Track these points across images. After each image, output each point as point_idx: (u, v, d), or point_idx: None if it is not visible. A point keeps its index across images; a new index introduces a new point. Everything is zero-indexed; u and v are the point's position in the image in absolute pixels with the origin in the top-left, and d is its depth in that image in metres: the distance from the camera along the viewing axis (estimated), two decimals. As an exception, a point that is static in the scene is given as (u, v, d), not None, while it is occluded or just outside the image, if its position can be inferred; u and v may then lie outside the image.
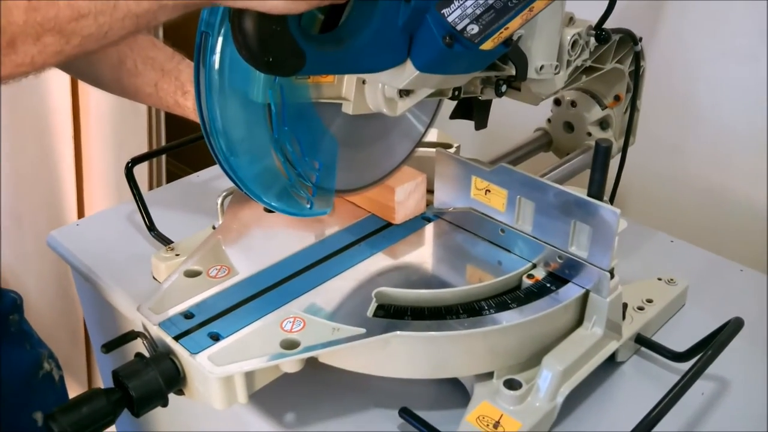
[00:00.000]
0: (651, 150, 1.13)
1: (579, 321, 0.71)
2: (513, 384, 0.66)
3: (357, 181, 0.79)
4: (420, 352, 0.66)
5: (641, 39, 0.88)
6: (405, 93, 0.68)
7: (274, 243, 0.77)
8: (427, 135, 0.83)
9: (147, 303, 0.67)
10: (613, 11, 0.78)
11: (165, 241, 0.88)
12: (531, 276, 0.72)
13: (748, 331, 0.72)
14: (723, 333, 0.70)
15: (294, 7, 0.53)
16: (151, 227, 0.91)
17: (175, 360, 0.63)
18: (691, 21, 1.06)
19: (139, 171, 1.37)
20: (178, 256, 0.81)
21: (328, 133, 0.73)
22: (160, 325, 0.65)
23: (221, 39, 0.63)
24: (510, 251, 0.76)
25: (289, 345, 0.63)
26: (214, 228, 0.84)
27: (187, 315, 0.66)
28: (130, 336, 0.66)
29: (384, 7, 0.59)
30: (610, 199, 0.97)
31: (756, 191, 1.06)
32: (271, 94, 0.65)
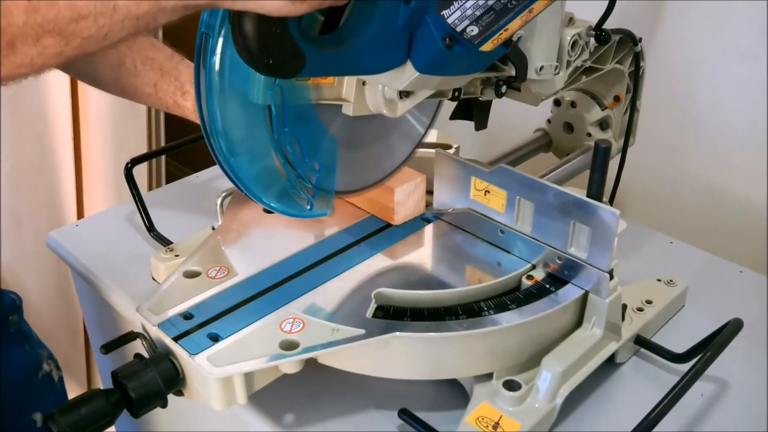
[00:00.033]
0: (651, 150, 1.13)
1: (578, 322, 0.71)
2: (512, 385, 0.66)
3: (357, 183, 0.79)
4: (419, 353, 0.66)
5: (641, 39, 0.88)
6: (405, 94, 0.68)
7: (273, 244, 0.77)
8: (427, 136, 0.83)
9: (146, 304, 0.67)
10: (613, 11, 0.78)
11: (164, 242, 0.88)
12: (530, 277, 0.72)
13: (747, 332, 0.72)
14: (722, 334, 0.70)
15: (294, 10, 0.53)
16: (151, 228, 0.91)
17: (175, 361, 0.63)
18: (691, 21, 1.06)
19: (139, 171, 1.37)
20: (177, 256, 0.81)
21: (328, 134, 0.73)
22: (159, 326, 0.65)
23: (221, 40, 0.63)
24: (509, 252, 0.76)
25: (289, 346, 0.63)
26: (213, 229, 0.83)
27: (187, 316, 0.66)
28: (129, 337, 0.66)
29: (384, 9, 0.59)
30: (609, 200, 0.97)
31: (756, 191, 1.06)
32: (271, 95, 0.65)
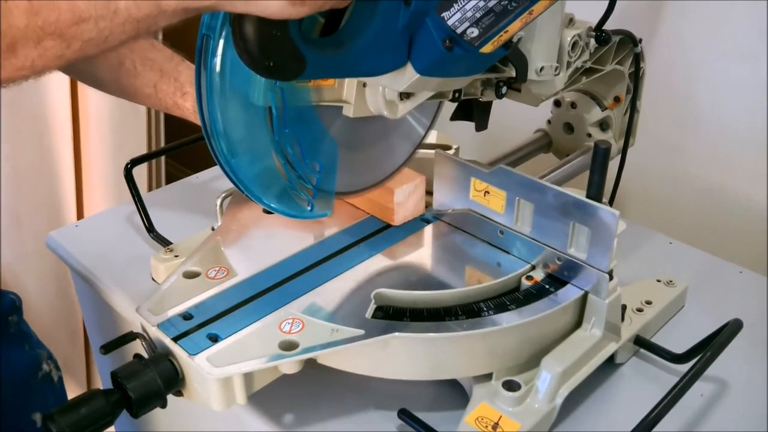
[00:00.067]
0: (651, 150, 1.13)
1: (578, 322, 0.71)
2: (512, 385, 0.66)
3: (357, 184, 0.79)
4: (419, 353, 0.66)
5: (641, 40, 0.88)
6: (405, 95, 0.68)
7: (273, 244, 0.77)
8: (428, 137, 0.83)
9: (146, 304, 0.67)
10: (613, 12, 0.78)
11: (164, 243, 0.88)
12: (530, 277, 0.72)
13: (747, 333, 0.72)
14: (722, 334, 0.70)
15: (294, 13, 0.53)
16: (150, 228, 0.91)
17: (174, 361, 0.63)
18: (691, 21, 1.06)
19: (139, 172, 1.37)
20: (177, 257, 0.81)
21: (328, 136, 0.73)
22: (158, 326, 0.65)
23: (222, 42, 0.63)
24: (509, 253, 0.76)
25: (288, 346, 0.63)
26: (213, 229, 0.83)
27: (186, 316, 0.66)
28: (128, 337, 0.66)
29: (384, 11, 0.59)
30: (609, 201, 0.97)
31: (756, 191, 1.06)
32: (272, 97, 0.65)
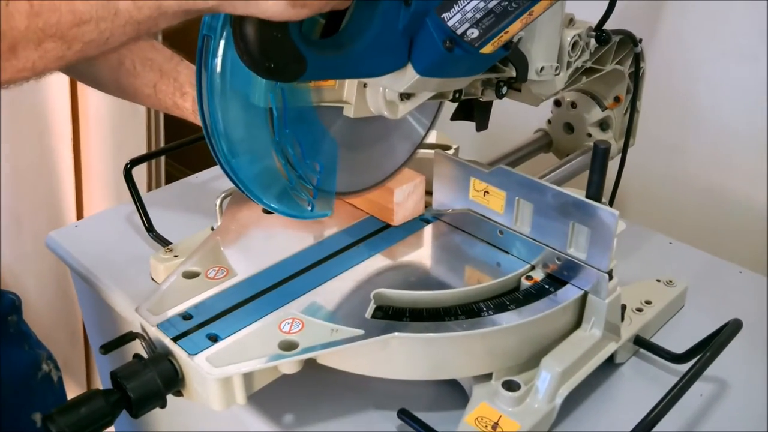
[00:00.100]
0: (651, 150, 1.13)
1: (578, 322, 0.71)
2: (512, 385, 0.66)
3: (357, 184, 0.79)
4: (418, 353, 0.66)
5: (641, 40, 0.88)
6: (406, 96, 0.68)
7: (272, 244, 0.77)
8: (428, 137, 0.83)
9: (145, 304, 0.67)
10: (613, 12, 0.78)
11: (164, 243, 0.88)
12: (529, 277, 0.72)
13: (747, 333, 0.72)
14: (722, 334, 0.70)
15: (295, 14, 0.53)
16: (150, 228, 0.91)
17: (174, 361, 0.63)
18: (691, 21, 1.06)
19: (138, 172, 1.37)
20: (176, 257, 0.81)
21: (328, 136, 0.73)
22: (158, 327, 0.65)
23: (223, 42, 0.63)
24: (508, 253, 0.76)
25: (288, 346, 0.63)
26: (212, 229, 0.83)
27: (186, 316, 0.66)
28: (128, 337, 0.66)
29: (384, 12, 0.59)
30: (609, 201, 0.97)
31: (756, 191, 1.06)
32: (273, 97, 0.65)
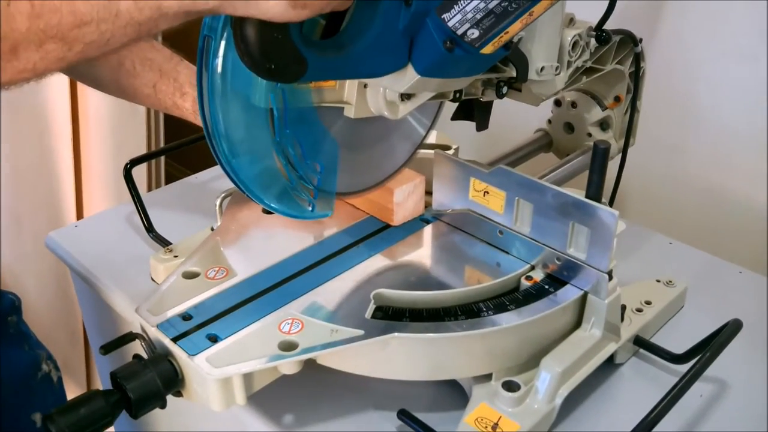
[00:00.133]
0: (651, 150, 1.13)
1: (577, 323, 0.71)
2: (511, 386, 0.66)
3: (358, 184, 0.79)
4: (418, 353, 0.66)
5: (641, 40, 0.88)
6: (406, 96, 0.68)
7: (272, 244, 0.77)
8: (428, 137, 0.83)
9: (145, 304, 0.67)
10: (613, 11, 0.78)
11: (163, 243, 0.88)
12: (529, 278, 0.72)
13: (746, 333, 0.72)
14: (722, 335, 0.70)
15: (296, 15, 0.53)
16: (150, 229, 0.91)
17: (174, 361, 0.63)
18: (691, 21, 1.06)
19: (138, 172, 1.37)
20: (176, 257, 0.81)
21: (329, 136, 0.73)
22: (158, 327, 0.65)
23: (224, 43, 0.63)
24: (508, 253, 0.76)
25: (288, 346, 0.63)
26: (212, 229, 0.83)
27: (186, 316, 0.66)
28: (128, 337, 0.66)
29: (385, 12, 0.59)
30: (609, 201, 0.97)
31: (756, 191, 1.06)
32: (273, 98, 0.65)
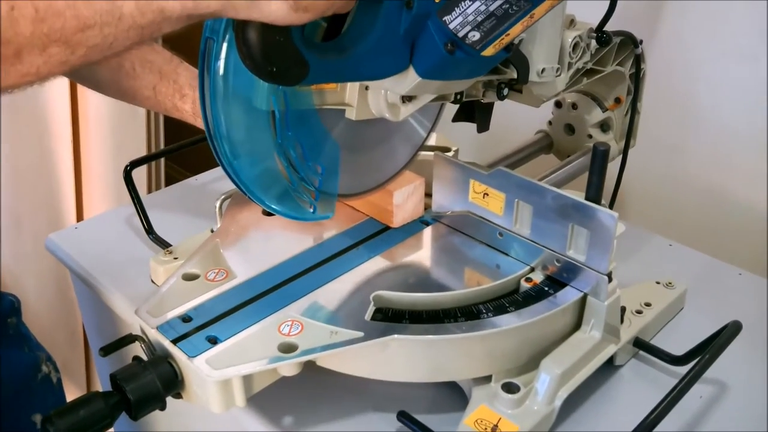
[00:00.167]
0: (651, 151, 1.12)
1: (577, 324, 0.71)
2: (511, 387, 0.66)
3: (359, 186, 0.79)
4: (418, 355, 0.66)
5: (642, 42, 0.88)
6: (407, 98, 0.68)
7: (272, 246, 0.77)
8: (429, 139, 0.83)
9: (145, 306, 0.67)
10: (614, 12, 0.78)
11: (163, 245, 0.88)
12: (529, 279, 0.72)
13: (746, 335, 0.72)
14: (721, 336, 0.70)
15: (297, 18, 0.53)
16: (150, 230, 0.91)
17: (173, 363, 0.63)
18: (691, 21, 1.06)
19: (138, 174, 1.38)
20: (176, 259, 0.81)
21: (330, 138, 0.73)
22: (158, 329, 0.65)
23: (225, 45, 0.63)
24: (508, 254, 0.76)
25: (287, 348, 0.63)
26: (212, 231, 0.83)
27: (185, 318, 0.66)
28: (128, 339, 0.66)
29: (386, 15, 0.59)
30: (610, 202, 0.97)
31: (756, 192, 1.06)
32: (275, 100, 0.65)
